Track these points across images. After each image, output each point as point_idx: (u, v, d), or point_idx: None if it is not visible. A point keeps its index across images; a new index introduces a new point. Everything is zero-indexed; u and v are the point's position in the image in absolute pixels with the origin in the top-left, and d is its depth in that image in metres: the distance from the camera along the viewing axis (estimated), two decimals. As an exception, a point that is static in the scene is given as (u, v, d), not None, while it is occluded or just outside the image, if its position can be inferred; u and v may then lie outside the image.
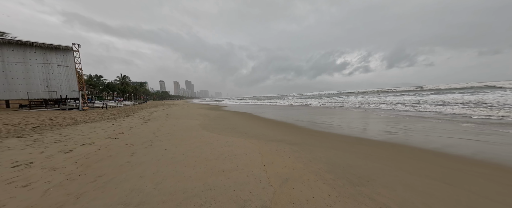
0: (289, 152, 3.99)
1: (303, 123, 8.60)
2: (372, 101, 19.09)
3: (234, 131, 6.77)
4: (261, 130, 6.91)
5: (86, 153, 3.99)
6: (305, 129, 6.96)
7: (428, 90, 37.36)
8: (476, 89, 27.91)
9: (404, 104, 14.93)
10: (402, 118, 8.90)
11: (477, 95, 16.64)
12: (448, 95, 20.52)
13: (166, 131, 6.62)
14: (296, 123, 8.54)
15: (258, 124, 8.51)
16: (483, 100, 12.99)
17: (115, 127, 7.50)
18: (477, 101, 13.05)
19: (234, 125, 8.30)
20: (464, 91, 24.81)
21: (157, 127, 7.55)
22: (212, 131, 6.72)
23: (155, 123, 8.82)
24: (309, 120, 9.40)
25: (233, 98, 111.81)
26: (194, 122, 9.39)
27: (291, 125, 8.18)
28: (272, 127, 7.69)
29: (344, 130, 6.49)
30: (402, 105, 14.28)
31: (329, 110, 15.28)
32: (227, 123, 8.98)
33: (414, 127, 6.67)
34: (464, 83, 44.22)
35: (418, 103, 14.61)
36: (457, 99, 15.07)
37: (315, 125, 7.92)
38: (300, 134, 6.03)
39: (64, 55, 16.70)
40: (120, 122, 9.11)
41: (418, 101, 15.62)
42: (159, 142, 5.01)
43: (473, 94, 18.16)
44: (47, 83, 16.06)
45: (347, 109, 14.85)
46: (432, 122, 7.41)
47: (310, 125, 7.98)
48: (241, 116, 12.36)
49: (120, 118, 11.21)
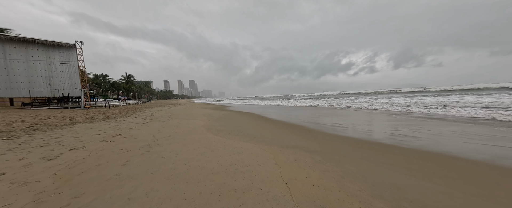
0: (311, 163, 3.32)
1: (315, 125, 7.90)
2: (384, 102, 18.17)
3: (241, 133, 6.13)
4: (270, 132, 6.26)
5: (72, 160, 3.41)
6: (318, 132, 6.26)
7: (435, 91, 36.01)
8: (493, 90, 26.54)
9: (416, 105, 14.04)
10: (422, 120, 8.11)
11: (497, 97, 15.58)
12: (464, 96, 19.41)
13: (168, 133, 6.03)
14: (307, 125, 7.85)
15: (266, 126, 7.86)
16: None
17: (114, 128, 6.96)
18: (499, 103, 12.07)
19: (240, 126, 7.67)
20: (480, 93, 23.59)
21: (158, 129, 6.98)
22: (218, 133, 6.11)
23: (157, 124, 8.27)
24: (320, 122, 8.69)
25: (235, 98, 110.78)
26: (198, 123, 8.81)
27: (302, 127, 7.50)
28: (281, 129, 7.02)
29: (362, 134, 5.77)
30: (415, 106, 13.40)
31: (338, 111, 14.50)
32: (233, 124, 8.36)
33: (440, 131, 5.90)
34: (480, 84, 42.49)
35: (425, 104, 13.70)
36: (480, 102, 14.08)
37: (328, 127, 7.21)
38: (315, 138, 5.35)
39: (67, 53, 16.41)
40: (120, 122, 8.60)
41: (425, 104, 14.70)
42: (159, 147, 4.41)
43: (493, 96, 17.07)
44: (50, 81, 15.79)
45: (356, 110, 14.05)
46: (461, 126, 6.61)
47: (322, 127, 7.27)
48: (247, 117, 11.73)
49: (121, 117, 10.73)
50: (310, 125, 7.87)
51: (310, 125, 8.00)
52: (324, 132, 6.40)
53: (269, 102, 35.56)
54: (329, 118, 10.44)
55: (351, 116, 10.81)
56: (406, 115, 10.15)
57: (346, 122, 8.69)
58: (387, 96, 28.57)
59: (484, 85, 38.39)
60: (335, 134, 6.02)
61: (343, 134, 6.00)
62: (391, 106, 14.90)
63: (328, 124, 8.03)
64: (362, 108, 15.20)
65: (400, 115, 10.50)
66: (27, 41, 14.86)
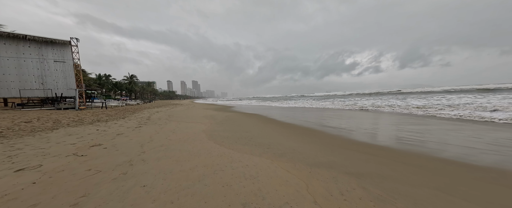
0: (370, 200, 2.11)
1: (336, 130, 6.64)
2: (399, 104, 16.75)
3: (251, 142, 4.95)
4: (286, 141, 5.05)
5: (4, 192, 2.26)
6: (347, 140, 5.02)
7: (455, 91, 34.26)
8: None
9: (432, 107, 12.64)
10: (478, 126, 6.79)
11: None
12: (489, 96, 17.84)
13: (160, 142, 4.88)
14: (327, 130, 6.60)
15: (279, 131, 6.64)
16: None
17: (98, 134, 5.84)
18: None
19: (248, 132, 6.48)
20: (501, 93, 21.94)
21: (150, 135, 5.84)
22: (222, 142, 4.93)
23: (151, 128, 7.15)
24: (342, 126, 7.43)
25: (234, 98, 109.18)
26: (199, 126, 7.65)
27: (322, 132, 6.26)
28: (298, 135, 5.80)
29: (418, 147, 4.50)
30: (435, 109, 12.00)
31: (352, 112, 13.20)
32: (239, 128, 7.17)
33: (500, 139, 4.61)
34: (503, 84, 40.45)
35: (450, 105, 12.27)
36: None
37: (356, 133, 5.95)
38: (347, 150, 4.12)
39: (61, 50, 15.46)
40: (109, 126, 7.50)
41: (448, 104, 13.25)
42: (142, 164, 3.25)
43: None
44: (42, 80, 14.86)
45: (377, 112, 12.72)
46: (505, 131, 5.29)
47: (347, 133, 6.02)
48: (253, 119, 10.53)
49: (114, 120, 9.66)
50: (330, 130, 6.62)
51: (331, 130, 6.75)
52: (354, 140, 5.15)
53: (271, 103, 34.26)
54: (346, 120, 9.17)
55: (379, 119, 9.52)
56: (462, 121, 8.82)
57: (376, 126, 7.42)
58: (399, 97, 26.98)
59: (504, 85, 36.46)
60: (371, 143, 4.77)
61: (383, 143, 4.75)
62: (425, 108, 13.50)
63: (352, 129, 6.77)
64: (385, 111, 13.84)
65: (454, 121, 9.17)
66: (17, 37, 13.91)
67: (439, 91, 37.56)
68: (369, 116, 10.72)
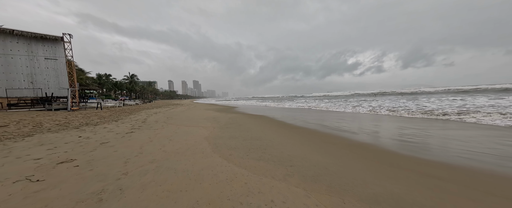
0: None
1: (364, 137, 5.55)
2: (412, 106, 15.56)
3: (266, 154, 3.90)
4: (310, 152, 3.98)
5: None
6: (392, 154, 3.94)
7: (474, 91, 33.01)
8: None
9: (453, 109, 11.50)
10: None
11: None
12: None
13: (151, 155, 3.83)
14: (352, 137, 5.51)
15: (294, 138, 5.57)
16: None
17: (76, 144, 4.80)
18: None
19: (259, 138, 5.41)
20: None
21: (141, 144, 4.80)
22: (230, 155, 3.87)
23: (144, 134, 6.11)
24: (371, 133, 6.34)
25: (234, 98, 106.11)
26: (200, 132, 6.60)
27: (348, 140, 5.18)
28: (321, 144, 4.73)
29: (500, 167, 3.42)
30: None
31: (371, 116, 12.11)
32: (248, 135, 6.11)
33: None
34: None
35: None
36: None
37: (395, 144, 4.87)
38: (402, 171, 3.05)
39: (53, 46, 14.46)
40: (96, 131, 6.47)
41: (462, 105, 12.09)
42: (117, 201, 2.20)
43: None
44: (32, 78, 13.86)
45: (395, 116, 11.62)
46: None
47: (387, 144, 4.94)
48: (260, 122, 9.46)
49: (105, 123, 8.64)
50: (357, 137, 5.53)
51: (357, 136, 5.65)
52: (403, 154, 4.06)
53: (273, 103, 33.08)
54: (373, 125, 8.08)
55: (413, 123, 8.43)
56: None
57: (425, 134, 6.32)
58: (409, 98, 25.69)
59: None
60: (433, 159, 3.69)
61: (452, 161, 3.66)
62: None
63: (390, 137, 5.68)
64: (404, 114, 12.71)
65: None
66: (3, 32, 12.87)
67: (451, 92, 36.29)
68: (396, 120, 9.63)
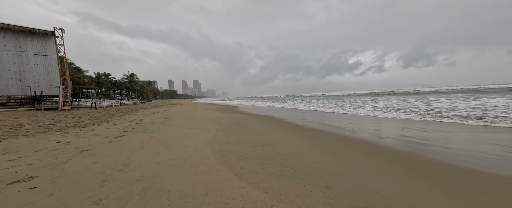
0: None
1: (401, 144, 4.66)
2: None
3: (287, 167, 3.01)
4: (341, 163, 3.10)
5: None
6: (454, 169, 3.05)
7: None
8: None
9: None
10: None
11: None
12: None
13: (140, 170, 2.95)
14: (386, 143, 4.61)
15: (312, 143, 4.67)
16: None
17: (48, 153, 3.90)
18: None
19: (272, 144, 4.51)
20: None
21: (130, 152, 3.91)
22: (241, 169, 2.98)
23: (137, 139, 5.22)
24: (405, 139, 5.44)
25: (233, 98, 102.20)
26: (202, 135, 5.71)
27: (384, 148, 4.28)
28: (349, 151, 3.83)
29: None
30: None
31: (386, 118, 11.20)
32: (257, 139, 5.21)
33: None
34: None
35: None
36: None
37: (450, 154, 3.97)
38: (473, 193, 2.16)
39: (43, 42, 13.56)
40: (80, 135, 5.58)
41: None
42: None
43: None
44: (20, 76, 12.97)
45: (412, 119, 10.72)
46: None
47: (436, 153, 4.05)
48: (267, 123, 8.57)
49: (95, 124, 7.75)
50: (390, 143, 4.63)
51: (391, 142, 4.76)
52: (473, 170, 3.17)
53: (274, 103, 31.92)
54: (396, 128, 7.19)
55: (441, 126, 7.54)
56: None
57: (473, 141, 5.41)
58: (417, 98, 24.59)
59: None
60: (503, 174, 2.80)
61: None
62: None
63: (438, 145, 4.78)
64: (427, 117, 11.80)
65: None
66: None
67: (457, 91, 35.38)
68: (419, 124, 8.73)
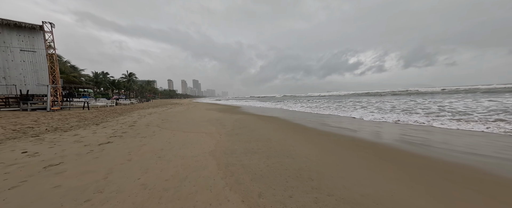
0: None
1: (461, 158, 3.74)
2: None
3: (321, 193, 2.09)
4: (389, 185, 2.18)
5: None
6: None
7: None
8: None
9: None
10: None
11: None
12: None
13: (113, 203, 2.02)
14: (427, 153, 3.70)
15: (336, 152, 3.75)
16: None
17: (1, 169, 2.98)
18: None
19: (288, 154, 3.58)
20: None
21: (110, 168, 2.99)
22: (259, 199, 2.06)
23: (124, 146, 4.29)
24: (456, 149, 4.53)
25: (227, 98, 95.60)
26: (203, 141, 4.78)
27: (421, 158, 3.36)
28: (385, 163, 2.91)
29: None
30: None
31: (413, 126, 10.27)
32: (269, 146, 4.27)
33: None
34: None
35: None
36: None
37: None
38: None
39: (31, 37, 12.60)
40: (57, 141, 4.65)
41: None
42: None
43: None
44: (4, 73, 12.01)
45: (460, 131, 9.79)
46: None
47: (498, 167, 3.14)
48: (275, 125, 7.64)
49: (81, 127, 6.82)
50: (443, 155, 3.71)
51: (445, 153, 3.84)
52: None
53: (273, 104, 30.65)
54: (436, 135, 6.27)
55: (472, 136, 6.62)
56: None
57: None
58: (425, 98, 23.39)
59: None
60: None
61: None
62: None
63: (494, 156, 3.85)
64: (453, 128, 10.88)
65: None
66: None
67: (467, 91, 34.47)
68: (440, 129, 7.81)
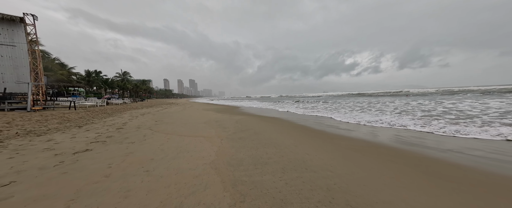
0: None
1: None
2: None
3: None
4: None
5: None
6: None
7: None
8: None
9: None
10: None
11: None
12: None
13: None
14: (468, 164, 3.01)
15: (358, 162, 3.02)
16: None
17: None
18: None
19: (304, 164, 2.83)
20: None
21: (76, 191, 2.17)
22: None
23: (106, 156, 3.47)
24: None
25: (222, 98, 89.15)
26: (202, 147, 3.98)
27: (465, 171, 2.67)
28: (434, 179, 2.21)
29: None
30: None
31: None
32: (279, 154, 3.51)
33: None
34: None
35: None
36: None
37: None
38: None
39: (10, 30, 11.51)
40: (21, 150, 3.79)
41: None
42: None
43: None
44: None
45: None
46: None
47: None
48: (280, 128, 6.89)
49: (60, 131, 5.93)
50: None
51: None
52: None
53: (272, 105, 29.11)
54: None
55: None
56: None
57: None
58: (435, 99, 21.19)
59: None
60: None
61: None
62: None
63: None
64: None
65: None
66: None
67: (468, 91, 34.37)
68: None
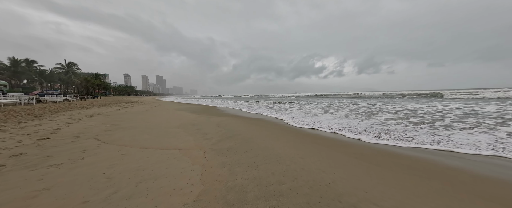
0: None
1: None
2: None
3: None
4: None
5: None
6: None
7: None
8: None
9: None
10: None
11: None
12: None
13: None
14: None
15: (380, 176, 2.47)
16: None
17: None
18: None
19: (333, 192, 2.09)
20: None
21: None
22: None
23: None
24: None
25: (198, 97, 77.46)
26: (178, 165, 2.83)
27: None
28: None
29: None
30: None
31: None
32: (293, 175, 2.68)
33: None
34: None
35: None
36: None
37: None
38: None
39: None
40: None
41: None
42: None
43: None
44: None
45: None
46: None
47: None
48: (274, 132, 6.07)
49: None
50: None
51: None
52: None
53: (248, 104, 28.97)
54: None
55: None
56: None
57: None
58: (410, 101, 24.33)
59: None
60: None
61: None
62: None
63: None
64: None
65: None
66: None
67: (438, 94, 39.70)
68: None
